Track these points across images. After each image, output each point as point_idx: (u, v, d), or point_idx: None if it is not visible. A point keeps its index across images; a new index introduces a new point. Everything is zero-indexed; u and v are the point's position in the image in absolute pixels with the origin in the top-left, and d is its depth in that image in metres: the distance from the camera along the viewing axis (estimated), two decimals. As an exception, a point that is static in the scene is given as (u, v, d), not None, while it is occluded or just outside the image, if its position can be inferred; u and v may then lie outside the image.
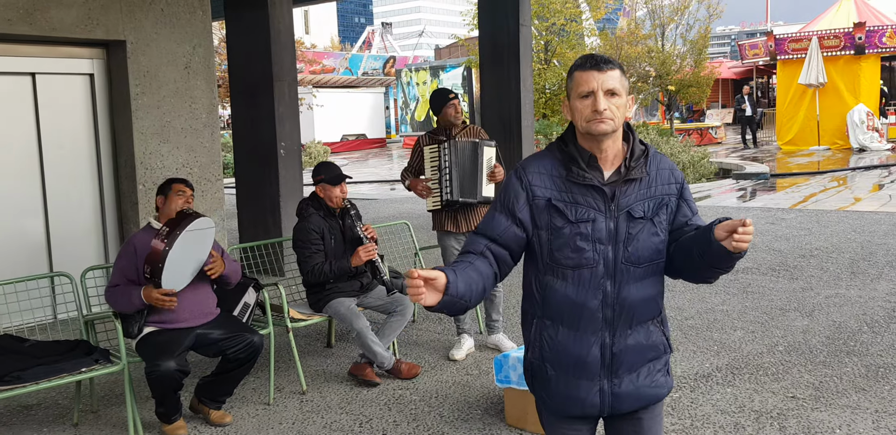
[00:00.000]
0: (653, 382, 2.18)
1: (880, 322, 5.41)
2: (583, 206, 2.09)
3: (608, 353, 2.12)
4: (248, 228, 8.04)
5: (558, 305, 2.13)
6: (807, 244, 8.21)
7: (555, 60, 17.27)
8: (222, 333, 3.93)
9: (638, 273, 2.11)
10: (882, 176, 14.07)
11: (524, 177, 2.15)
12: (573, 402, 2.16)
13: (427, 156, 4.94)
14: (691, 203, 2.18)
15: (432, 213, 5.03)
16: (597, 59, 2.07)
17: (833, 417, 3.86)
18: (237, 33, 7.83)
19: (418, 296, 1.93)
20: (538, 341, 2.19)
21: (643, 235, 2.10)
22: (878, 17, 19.61)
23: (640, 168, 2.12)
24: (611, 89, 2.05)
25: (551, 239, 2.11)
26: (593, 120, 2.05)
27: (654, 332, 2.18)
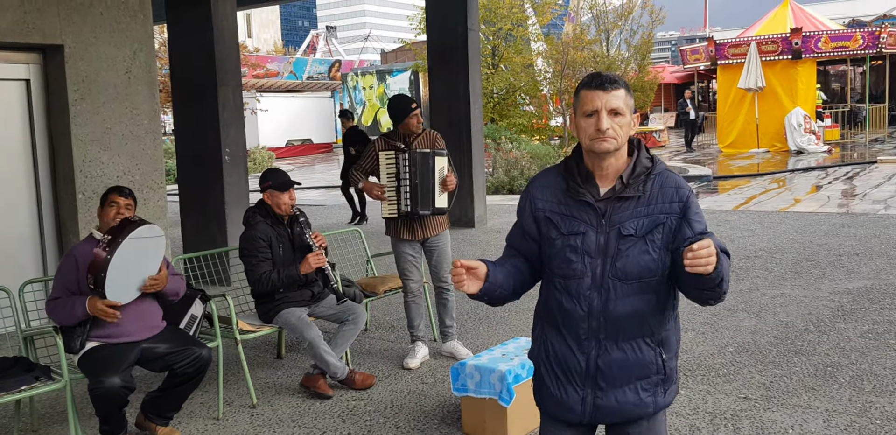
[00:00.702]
0: (637, 401, 2.19)
1: (826, 321, 5.53)
2: (576, 219, 2.17)
3: (593, 364, 2.18)
4: (192, 238, 7.85)
5: (552, 311, 2.24)
6: (751, 245, 8.37)
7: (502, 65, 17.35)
8: (169, 347, 3.80)
9: (626, 289, 2.13)
10: (820, 177, 14.47)
11: (531, 189, 2.30)
12: (556, 404, 2.24)
13: (383, 162, 4.88)
14: (694, 223, 2.15)
15: (386, 219, 4.97)
16: (602, 79, 2.12)
17: (785, 417, 3.91)
18: (179, 37, 7.65)
19: (461, 283, 2.11)
20: (538, 342, 2.31)
21: (633, 251, 2.13)
22: (813, 22, 20.20)
23: (637, 186, 2.15)
24: (614, 109, 2.11)
25: (547, 250, 2.23)
26: (596, 138, 2.12)
27: (646, 351, 2.19)
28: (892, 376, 4.41)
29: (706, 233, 2.13)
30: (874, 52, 19.64)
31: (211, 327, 4.39)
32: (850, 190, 12.53)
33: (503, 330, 5.71)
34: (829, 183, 13.59)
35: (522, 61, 17.71)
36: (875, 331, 5.25)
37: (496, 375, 3.69)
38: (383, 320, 6.14)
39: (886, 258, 7.38)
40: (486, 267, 2.18)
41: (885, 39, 19.44)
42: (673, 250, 2.14)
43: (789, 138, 19.03)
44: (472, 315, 6.13)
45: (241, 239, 4.55)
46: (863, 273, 6.87)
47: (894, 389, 4.22)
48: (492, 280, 2.17)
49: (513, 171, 14.54)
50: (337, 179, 14.42)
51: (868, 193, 11.96)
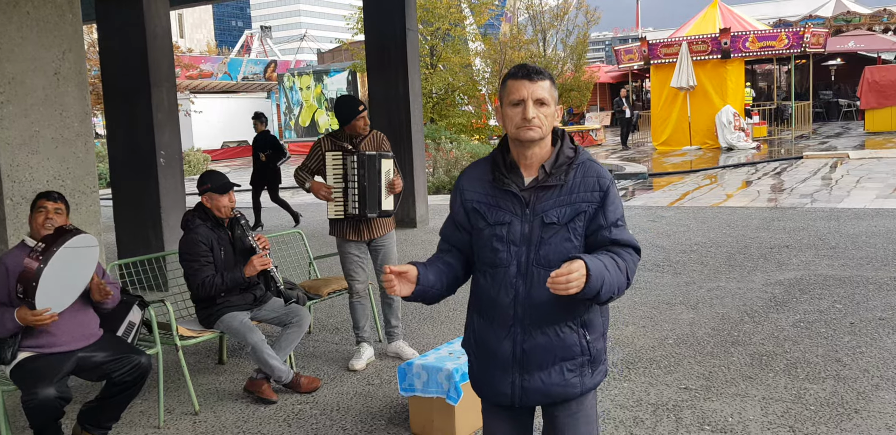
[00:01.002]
0: (562, 381, 2.26)
1: (760, 312, 5.70)
2: (502, 209, 2.23)
3: (519, 348, 2.24)
4: (127, 243, 7.64)
5: (480, 299, 2.31)
6: (687, 240, 8.57)
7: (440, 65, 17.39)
8: (106, 356, 3.69)
9: (548, 276, 2.12)
10: (750, 173, 14.91)
11: (460, 181, 2.35)
12: (488, 388, 2.33)
13: (330, 162, 4.83)
14: (609, 213, 2.21)
15: (332, 219, 4.93)
16: (529, 70, 2.19)
17: (725, 406, 4.02)
18: (110, 36, 7.44)
19: (392, 288, 2.17)
20: (468, 331, 2.39)
21: (555, 239, 2.19)
22: (741, 23, 20.79)
23: (560, 175, 2.21)
24: (540, 99, 2.17)
25: (475, 239, 2.30)
26: (522, 127, 2.18)
27: (569, 334, 2.25)
28: (824, 363, 4.57)
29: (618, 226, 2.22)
30: (798, 51, 20.32)
31: (150, 334, 4.29)
32: (779, 185, 12.94)
33: (448, 329, 5.72)
34: (759, 178, 14.01)
35: (460, 61, 17.77)
36: (806, 320, 5.44)
37: (443, 374, 3.70)
38: (327, 322, 6.09)
39: (815, 250, 7.65)
40: (417, 270, 2.24)
41: (808, 39, 20.14)
42: (587, 237, 2.23)
43: (720, 135, 19.55)
44: (417, 315, 6.13)
45: (181, 243, 4.45)
46: (793, 265, 7.10)
47: (826, 375, 4.38)
48: (423, 282, 2.24)
49: (453, 171, 14.58)
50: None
51: (795, 188, 12.38)
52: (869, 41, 26.99)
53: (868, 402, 3.98)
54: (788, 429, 3.71)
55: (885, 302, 5.76)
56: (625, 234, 2.22)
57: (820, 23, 28.63)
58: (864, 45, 26.84)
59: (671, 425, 3.82)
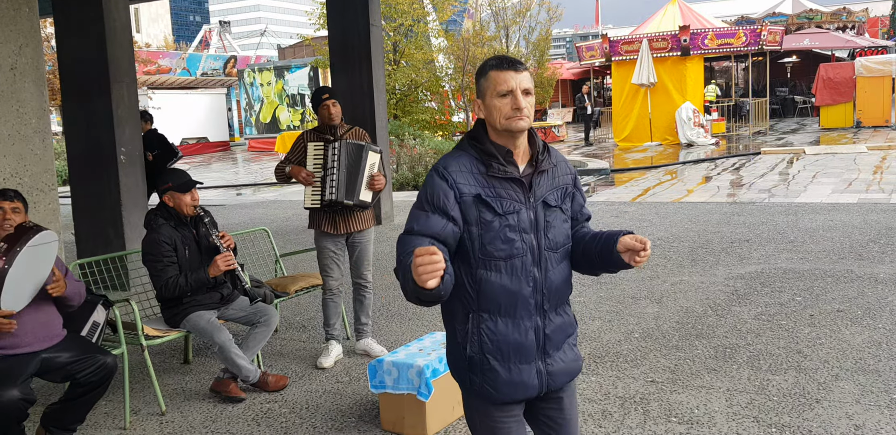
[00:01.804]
0: (574, 356, 2.36)
1: (722, 305, 5.80)
2: (507, 199, 2.20)
3: (542, 335, 2.26)
4: (86, 242, 7.50)
5: (495, 296, 2.21)
6: (649, 235, 8.68)
7: (403, 61, 17.34)
8: (71, 356, 3.62)
9: (556, 258, 2.27)
10: (709, 169, 15.15)
11: (448, 176, 2.19)
12: (517, 387, 2.24)
13: (311, 152, 4.80)
14: (582, 192, 2.40)
15: (310, 211, 4.90)
16: (512, 60, 2.19)
17: (690, 398, 4.08)
18: (68, 31, 7.28)
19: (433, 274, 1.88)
20: (476, 335, 2.23)
21: (557, 221, 2.27)
22: (700, 20, 21.09)
23: (547, 160, 2.29)
24: (526, 89, 2.19)
25: (482, 233, 2.19)
26: (513, 117, 2.17)
27: (569, 311, 2.37)
28: (785, 355, 4.67)
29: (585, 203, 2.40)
30: (756, 48, 20.68)
31: (114, 334, 4.22)
32: (738, 180, 13.17)
33: (416, 326, 5.72)
34: (718, 174, 14.24)
35: (423, 57, 17.73)
36: (768, 313, 5.55)
37: (414, 370, 3.70)
38: (294, 320, 6.05)
39: (774, 244, 7.80)
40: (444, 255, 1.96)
41: (765, 37, 20.51)
42: (570, 218, 2.34)
43: (680, 132, 19.83)
44: (385, 312, 6.12)
45: (144, 243, 4.38)
46: (754, 258, 7.24)
47: (788, 366, 4.47)
48: (448, 271, 1.98)
49: (417, 168, 14.58)
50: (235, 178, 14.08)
51: (754, 183, 12.60)
52: (823, 39, 27.59)
53: (828, 392, 4.08)
54: (753, 419, 3.79)
55: (842, 294, 5.90)
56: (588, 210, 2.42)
57: (783, 20, 29.21)
58: (819, 43, 27.43)
59: (639, 418, 3.88)
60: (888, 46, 29.55)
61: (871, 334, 4.96)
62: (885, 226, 8.35)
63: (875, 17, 38.31)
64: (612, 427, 3.79)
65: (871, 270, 6.55)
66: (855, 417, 3.75)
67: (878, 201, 9.97)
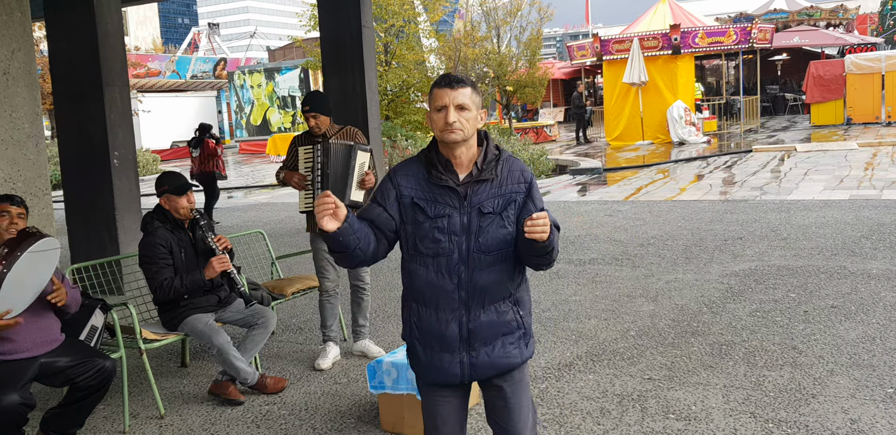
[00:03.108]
0: (505, 354, 2.52)
1: (717, 302, 5.83)
2: (441, 203, 2.44)
3: (465, 329, 2.47)
4: (80, 246, 7.48)
5: (421, 288, 2.49)
6: (643, 233, 8.71)
7: (395, 62, 17.34)
8: (70, 361, 3.62)
9: (488, 260, 2.45)
10: (701, 167, 15.20)
11: (394, 178, 2.52)
12: (437, 372, 2.51)
13: (301, 156, 4.81)
14: (536, 201, 2.52)
15: (306, 214, 4.91)
16: (450, 79, 2.43)
17: (687, 395, 4.11)
18: (60, 36, 7.26)
19: (325, 213, 2.26)
20: (408, 322, 2.56)
21: (492, 227, 2.44)
22: (690, 19, 21.16)
23: (490, 170, 2.47)
24: (461, 104, 2.41)
25: (415, 232, 2.47)
26: (445, 130, 2.41)
27: (507, 311, 2.52)
28: (780, 351, 4.70)
29: (544, 209, 2.47)
30: (746, 46, 20.76)
31: (113, 338, 4.22)
32: (730, 178, 13.22)
33: (413, 326, 5.73)
34: (711, 172, 14.29)
35: (415, 58, 17.73)
36: (762, 309, 5.58)
37: (413, 370, 3.71)
38: (290, 323, 6.05)
39: (767, 241, 7.85)
40: (347, 212, 2.33)
41: (756, 35, 20.59)
42: (519, 224, 2.46)
43: (671, 130, 19.89)
44: (381, 313, 6.13)
45: (140, 246, 4.39)
46: (747, 256, 7.28)
47: (784, 362, 4.50)
48: (350, 222, 2.33)
49: (410, 168, 14.55)
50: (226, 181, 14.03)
51: (746, 181, 12.66)
52: (813, 37, 27.72)
53: (824, 387, 4.11)
54: (750, 415, 3.82)
55: (836, 290, 5.94)
56: (551, 217, 2.46)
57: (784, 17, 29.42)
58: (809, 41, 27.56)
59: (637, 415, 3.90)
60: (877, 43, 29.74)
61: (865, 329, 5.00)
62: (877, 222, 8.40)
63: (864, 15, 38.52)
64: (611, 424, 3.81)
65: (863, 266, 6.60)
66: (851, 412, 3.78)
67: (870, 198, 10.03)
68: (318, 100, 4.83)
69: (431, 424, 2.61)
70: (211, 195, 12.15)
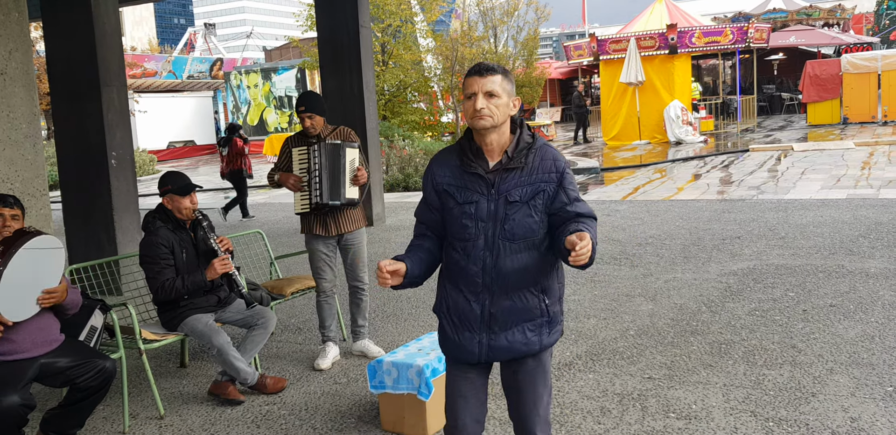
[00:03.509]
0: (525, 339, 2.55)
1: (716, 301, 5.84)
2: (469, 190, 2.50)
3: (486, 311, 2.52)
4: (78, 247, 7.46)
5: (451, 269, 2.57)
6: (641, 233, 8.72)
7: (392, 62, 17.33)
8: (70, 361, 3.61)
9: (513, 248, 2.48)
10: (698, 166, 15.22)
11: (431, 167, 2.61)
12: (457, 348, 2.59)
13: (296, 157, 4.80)
14: (569, 191, 2.51)
15: (301, 215, 4.90)
16: (481, 67, 2.47)
17: (687, 394, 4.11)
18: (58, 36, 7.25)
19: (385, 284, 2.43)
20: (441, 297, 2.64)
21: (518, 215, 2.47)
22: (687, 19, 21.18)
23: (521, 159, 2.49)
24: (489, 91, 2.44)
25: (447, 217, 2.56)
26: (474, 117, 2.45)
27: (531, 299, 2.54)
28: (780, 350, 4.71)
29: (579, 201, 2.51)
30: (743, 46, 20.79)
31: (112, 338, 4.21)
32: (727, 177, 13.24)
33: (412, 327, 5.73)
34: (708, 171, 14.31)
35: (412, 58, 17.72)
36: (761, 308, 5.59)
37: (413, 370, 3.71)
38: (290, 323, 6.05)
39: (765, 240, 7.86)
40: (406, 266, 2.50)
41: (752, 35, 20.62)
42: (551, 214, 2.51)
43: (668, 130, 19.91)
44: (381, 313, 6.12)
45: (142, 246, 4.38)
46: (746, 255, 7.29)
47: (783, 361, 4.51)
48: (409, 276, 2.50)
49: (407, 169, 14.58)
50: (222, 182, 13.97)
51: (744, 180, 12.68)
52: (809, 36, 27.77)
53: (824, 386, 4.12)
54: (750, 414, 3.82)
55: (834, 289, 5.95)
56: (585, 207, 2.53)
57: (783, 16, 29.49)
58: (805, 40, 27.61)
59: (637, 414, 3.90)
60: (873, 43, 29.78)
61: (864, 328, 5.01)
62: (874, 221, 8.42)
63: (860, 14, 38.60)
64: (612, 423, 3.81)
65: (861, 265, 6.61)
66: (851, 410, 3.79)
67: (867, 197, 10.05)
68: (313, 100, 4.82)
69: (452, 401, 2.65)
70: (241, 192, 12.36)
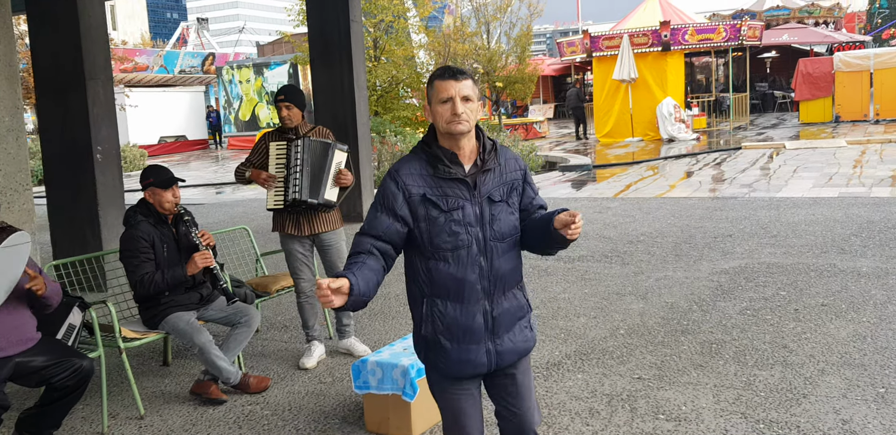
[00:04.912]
0: (524, 337, 2.58)
1: (707, 300, 5.78)
2: (452, 196, 2.45)
3: (489, 318, 2.49)
4: (62, 242, 7.36)
5: (444, 283, 2.46)
6: (633, 231, 8.66)
7: (384, 57, 17.22)
8: (46, 360, 3.53)
9: (503, 247, 2.49)
10: (691, 164, 15.18)
11: (398, 179, 2.47)
12: (466, 364, 2.50)
13: (273, 152, 4.70)
14: (532, 185, 2.62)
15: (273, 212, 4.80)
16: (453, 71, 2.46)
17: (678, 395, 4.05)
18: (42, 28, 7.12)
19: (329, 303, 2.23)
20: (430, 318, 2.50)
21: (503, 215, 2.50)
22: (680, 16, 21.12)
23: (492, 160, 2.52)
24: (466, 96, 2.43)
25: (429, 228, 2.45)
26: (452, 121, 2.42)
27: (518, 295, 2.59)
28: (771, 350, 4.65)
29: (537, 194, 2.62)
30: (736, 44, 20.74)
31: (91, 336, 4.12)
32: (720, 175, 13.20)
33: (399, 325, 5.66)
34: (700, 169, 14.27)
35: (404, 54, 17.61)
36: (752, 307, 5.54)
37: (399, 370, 3.64)
38: (275, 320, 5.96)
39: (757, 238, 7.81)
40: (349, 281, 2.29)
41: (745, 32, 20.57)
42: (521, 209, 2.56)
43: (661, 127, 19.86)
44: (367, 311, 6.04)
45: (122, 240, 4.29)
46: (737, 253, 7.24)
47: (774, 362, 4.45)
48: (355, 293, 2.29)
49: (399, 165, 14.47)
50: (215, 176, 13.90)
51: (736, 178, 12.64)
52: (802, 34, 27.77)
53: (815, 386, 4.06)
54: (741, 415, 3.76)
55: (826, 288, 5.90)
56: (542, 199, 2.64)
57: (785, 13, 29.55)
58: (798, 38, 27.60)
59: (626, 415, 3.84)
60: (865, 41, 29.81)
61: (856, 328, 4.95)
62: (866, 220, 8.38)
63: (852, 13, 38.67)
64: (600, 425, 3.75)
65: (853, 264, 6.56)
66: (842, 412, 3.73)
67: (859, 195, 10.01)
68: (294, 92, 4.76)
69: (453, 420, 2.58)
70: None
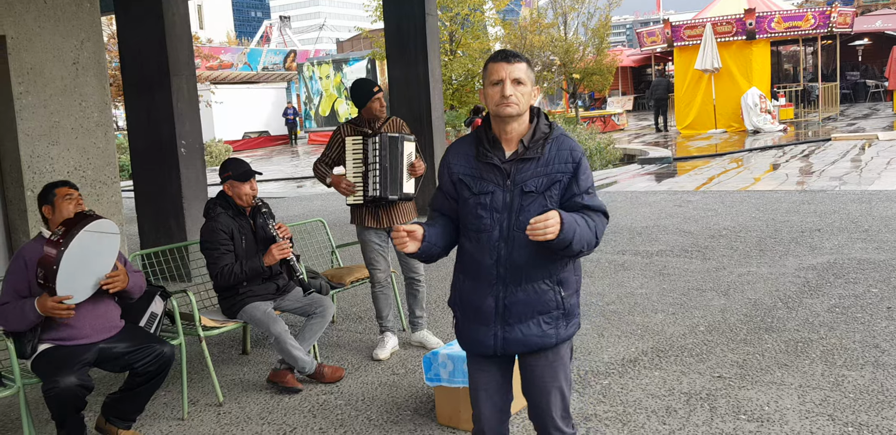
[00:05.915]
0: (540, 332, 2.51)
1: (793, 297, 5.55)
2: (485, 181, 2.47)
3: (501, 304, 2.49)
4: (149, 233, 7.63)
5: (465, 261, 2.56)
6: (715, 225, 8.41)
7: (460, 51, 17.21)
8: (128, 346, 3.64)
9: (528, 239, 2.39)
10: (777, 156, 14.65)
11: (447, 156, 2.59)
12: (472, 341, 2.57)
13: (350, 147, 4.75)
14: (581, 181, 2.48)
15: (352, 207, 4.85)
16: (507, 54, 2.45)
17: (760, 395, 3.90)
18: (128, 26, 7.38)
19: (403, 245, 2.42)
20: (454, 290, 2.63)
21: (534, 206, 2.44)
22: (766, 3, 20.37)
23: (537, 149, 2.46)
24: (517, 78, 2.42)
25: (462, 208, 2.53)
26: (501, 104, 2.42)
27: (546, 291, 2.50)
28: (861, 350, 4.43)
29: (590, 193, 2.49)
30: (825, 31, 19.89)
31: (172, 325, 4.24)
32: (807, 167, 12.69)
33: (473, 317, 5.63)
34: (787, 161, 13.75)
35: (480, 47, 17.55)
36: (842, 305, 5.29)
37: (470, 363, 3.61)
38: (350, 312, 6.03)
39: (847, 233, 7.46)
40: (423, 229, 2.48)
41: (835, 19, 19.70)
42: (562, 204, 2.47)
43: (746, 118, 19.23)
44: (440, 304, 6.04)
45: (202, 231, 4.40)
46: (826, 248, 6.93)
47: (864, 362, 4.24)
48: (428, 240, 2.48)
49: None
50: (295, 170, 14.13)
51: (825, 170, 12.12)
52: (897, 20, 26.42)
53: (910, 389, 3.85)
54: (827, 417, 3.59)
55: (923, 286, 5.59)
56: (595, 200, 2.50)
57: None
58: (892, 25, 26.26)
59: (705, 415, 3.72)
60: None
61: (956, 328, 4.67)
62: (969, 214, 7.90)
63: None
64: (677, 424, 3.64)
65: (953, 261, 6.20)
66: (940, 417, 3.52)
67: (960, 188, 9.46)
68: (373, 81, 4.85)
69: (473, 392, 2.65)
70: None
